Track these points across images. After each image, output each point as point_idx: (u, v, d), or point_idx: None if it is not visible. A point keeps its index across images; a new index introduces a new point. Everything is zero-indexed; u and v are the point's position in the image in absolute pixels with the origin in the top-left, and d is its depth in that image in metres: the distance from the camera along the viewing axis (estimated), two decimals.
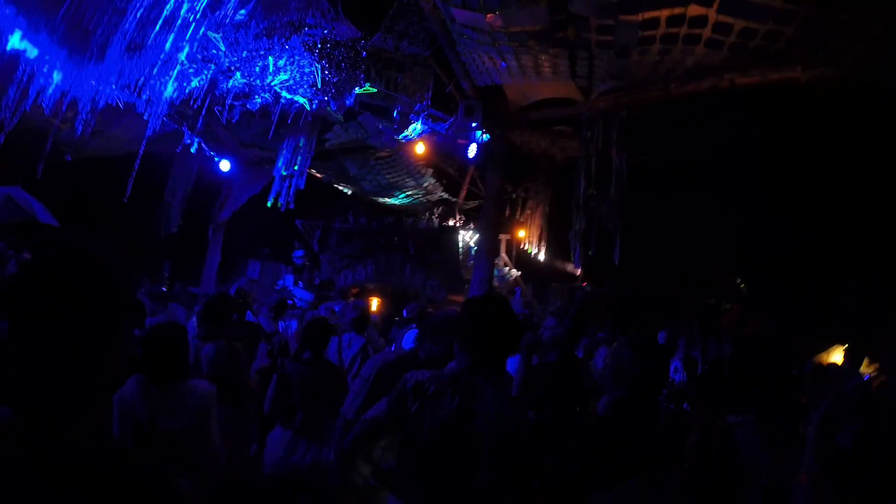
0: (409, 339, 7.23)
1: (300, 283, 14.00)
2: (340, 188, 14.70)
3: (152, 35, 6.80)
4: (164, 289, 13.04)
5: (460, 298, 14.37)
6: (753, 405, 3.34)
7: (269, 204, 10.85)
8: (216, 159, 12.07)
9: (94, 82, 7.83)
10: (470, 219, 15.62)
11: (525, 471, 2.74)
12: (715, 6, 6.04)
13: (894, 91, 7.07)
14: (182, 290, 12.93)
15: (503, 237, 14.91)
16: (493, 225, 10.37)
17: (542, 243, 14.77)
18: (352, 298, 14.62)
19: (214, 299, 5.65)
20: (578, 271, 16.07)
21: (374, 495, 3.56)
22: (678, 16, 6.34)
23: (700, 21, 6.35)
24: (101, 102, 8.25)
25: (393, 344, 7.68)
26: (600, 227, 8.96)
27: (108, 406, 3.55)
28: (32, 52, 7.33)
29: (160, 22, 6.58)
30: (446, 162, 13.33)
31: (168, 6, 6.44)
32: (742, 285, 20.46)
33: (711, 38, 6.62)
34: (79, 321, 1.35)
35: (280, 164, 10.65)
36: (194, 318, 8.51)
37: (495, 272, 12.86)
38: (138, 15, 6.46)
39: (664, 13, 6.34)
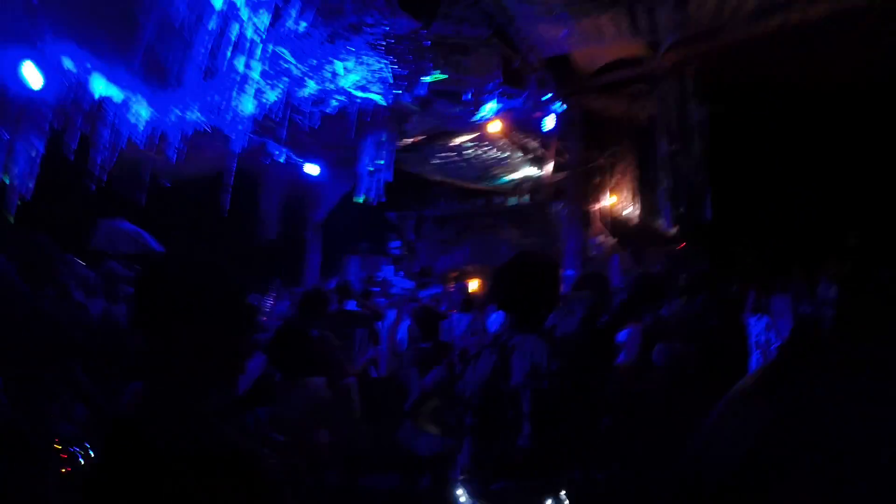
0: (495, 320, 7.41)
1: (400, 272, 14.31)
2: (427, 176, 14.89)
3: (224, 60, 7.14)
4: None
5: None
6: None
7: (359, 200, 11.12)
8: (303, 165, 12.54)
9: (178, 111, 8.32)
10: (559, 191, 15.51)
11: (563, 423, 2.80)
12: None
13: None
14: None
15: (595, 205, 14.74)
16: (581, 194, 10.34)
17: (635, 207, 14.49)
18: (451, 283, 14.89)
19: (308, 292, 5.97)
20: (673, 231, 15.68)
21: None
22: None
23: None
24: (189, 129, 8.73)
25: None
26: (688, 183, 8.79)
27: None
28: (119, 96, 7.89)
29: (230, 47, 6.90)
30: (527, 137, 13.27)
31: (233, 31, 6.75)
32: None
33: None
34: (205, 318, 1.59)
35: (365, 160, 10.92)
36: None
37: (591, 241, 12.76)
38: (208, 45, 6.79)
39: None
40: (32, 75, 7.33)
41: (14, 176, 7.84)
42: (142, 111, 8.26)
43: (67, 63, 7.53)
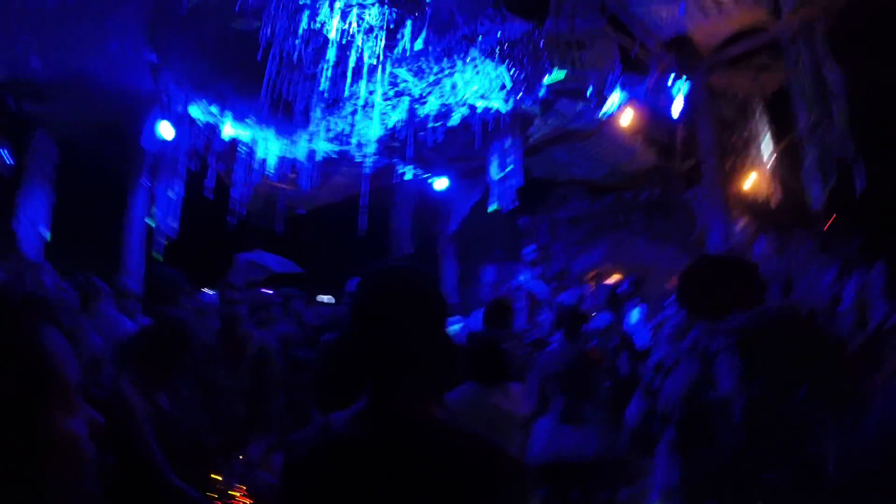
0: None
1: (536, 277, 14.24)
2: (556, 178, 14.76)
3: (346, 87, 7.38)
4: None
5: None
6: None
7: (490, 209, 11.15)
8: (431, 180, 12.75)
9: (306, 142, 8.69)
10: (692, 180, 14.96)
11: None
12: None
13: None
14: None
15: (733, 189, 14.09)
16: (717, 180, 9.90)
17: (776, 186, 13.74)
18: (592, 283, 14.67)
19: (495, 303, 6.13)
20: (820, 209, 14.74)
21: None
22: None
23: None
24: (318, 157, 9.09)
25: None
26: (835, 154, 8.24)
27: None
28: (246, 135, 8.34)
29: (349, 74, 7.12)
30: (655, 126, 12.89)
31: (351, 59, 6.95)
32: None
33: None
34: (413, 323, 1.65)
35: (493, 168, 10.96)
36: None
37: (732, 228, 12.22)
38: (328, 75, 7.03)
39: None
40: (164, 128, 7.89)
41: (158, 219, 8.40)
42: (271, 146, 8.67)
43: (195, 112, 8.02)
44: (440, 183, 12.96)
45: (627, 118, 10.47)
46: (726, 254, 3.28)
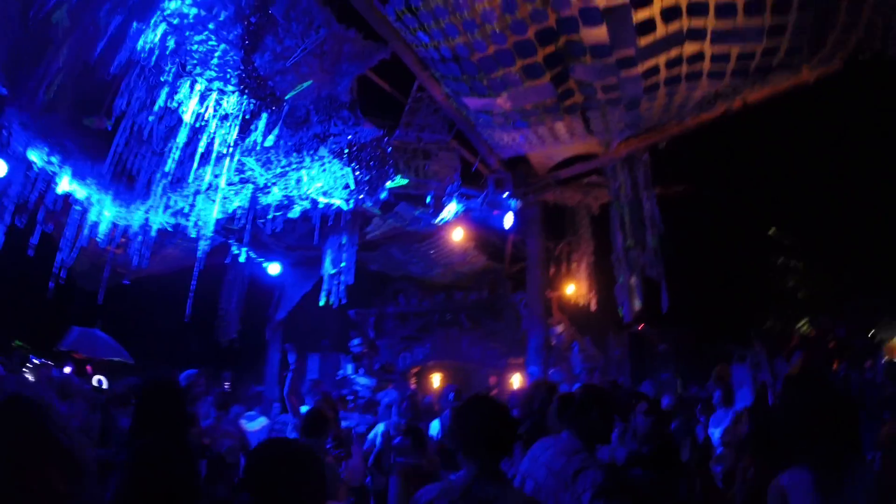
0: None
1: (360, 370, 14.24)
2: (388, 273, 15.02)
3: (192, 170, 7.28)
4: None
5: (521, 362, 14.46)
6: (808, 459, 2.98)
7: (321, 303, 11.15)
8: (265, 265, 12.61)
9: (143, 213, 8.39)
10: (519, 283, 15.71)
11: None
12: (707, 39, 6.21)
13: None
14: (246, 391, 13.27)
15: (552, 295, 14.93)
16: (541, 288, 10.53)
17: (593, 294, 14.72)
18: (413, 380, 14.84)
19: (312, 413, 5.77)
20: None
21: None
22: (675, 58, 6.54)
23: (697, 57, 6.53)
24: (153, 230, 8.80)
25: None
26: (644, 276, 9.01)
27: None
28: (82, 194, 7.94)
29: (197, 157, 7.05)
30: (487, 233, 13.55)
31: (201, 143, 6.91)
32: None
33: (713, 70, 6.78)
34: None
35: (327, 263, 11.03)
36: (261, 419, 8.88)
37: (551, 331, 12.91)
38: (176, 156, 6.93)
39: (661, 59, 6.55)
40: None
41: None
42: (106, 210, 8.31)
43: (34, 156, 7.54)
44: (273, 268, 12.83)
45: (461, 232, 11.07)
46: (488, 398, 3.38)
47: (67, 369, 11.33)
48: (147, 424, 3.58)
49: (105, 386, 11.19)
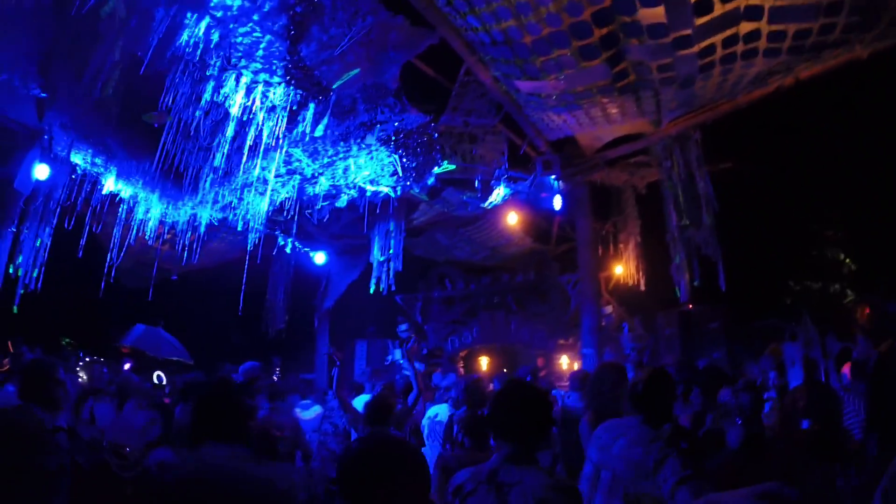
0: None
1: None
2: (434, 258, 14.95)
3: (241, 163, 7.23)
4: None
5: (570, 343, 14.34)
6: None
7: (371, 290, 11.09)
8: (311, 254, 12.60)
9: (190, 209, 8.41)
10: (565, 263, 15.55)
11: None
12: (765, 18, 5.98)
13: None
14: (296, 379, 13.34)
15: (602, 276, 14.74)
16: (592, 269, 10.35)
17: (641, 274, 14.49)
18: (461, 363, 14.80)
19: (374, 400, 5.83)
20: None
21: None
22: (731, 36, 6.29)
23: (754, 35, 6.28)
24: (202, 226, 8.81)
25: None
26: (700, 255, 8.81)
27: None
28: (128, 192, 7.96)
29: (245, 150, 6.99)
30: (532, 215, 13.40)
31: (249, 136, 6.85)
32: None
33: (769, 48, 6.53)
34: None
35: (375, 250, 10.96)
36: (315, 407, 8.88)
37: (601, 311, 12.73)
38: (224, 151, 6.88)
39: (718, 38, 6.31)
40: (40, 170, 7.15)
41: (22, 268, 7.66)
42: (154, 208, 8.34)
43: (77, 159, 7.55)
44: (319, 257, 12.83)
45: (514, 216, 10.99)
46: (526, 383, 3.44)
47: (127, 366, 11.49)
48: (209, 425, 3.53)
49: (164, 382, 11.32)
